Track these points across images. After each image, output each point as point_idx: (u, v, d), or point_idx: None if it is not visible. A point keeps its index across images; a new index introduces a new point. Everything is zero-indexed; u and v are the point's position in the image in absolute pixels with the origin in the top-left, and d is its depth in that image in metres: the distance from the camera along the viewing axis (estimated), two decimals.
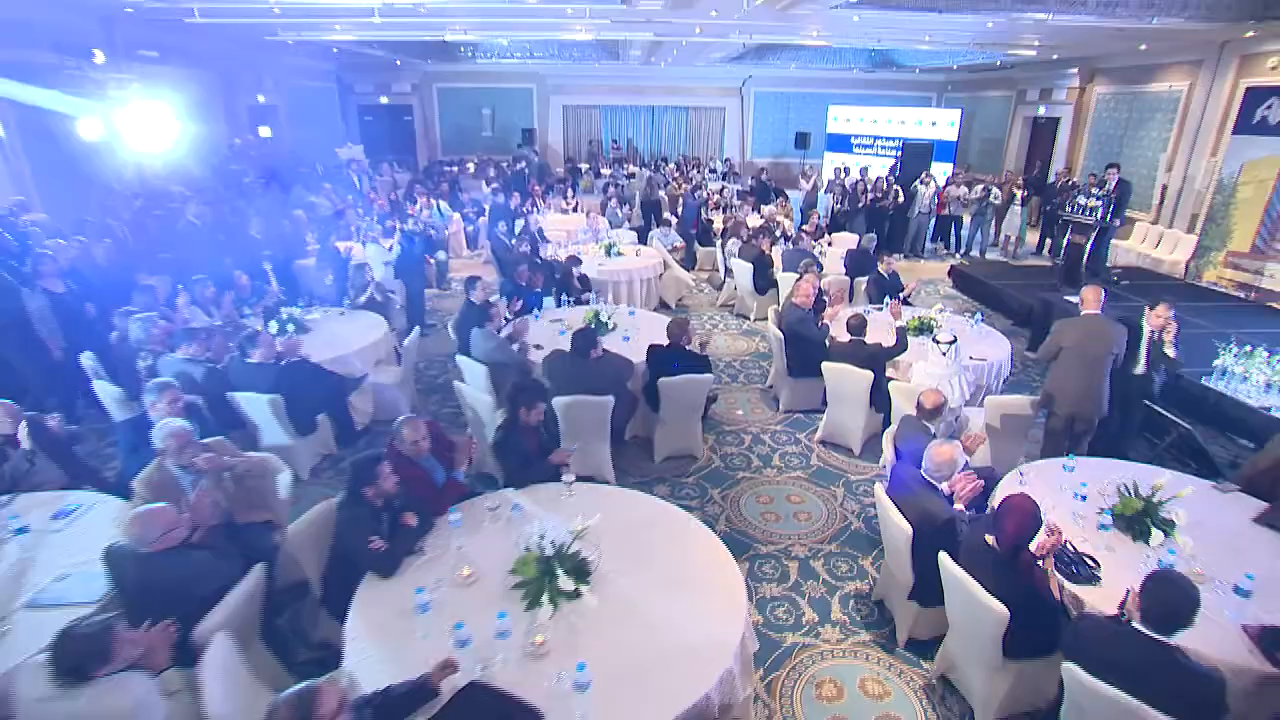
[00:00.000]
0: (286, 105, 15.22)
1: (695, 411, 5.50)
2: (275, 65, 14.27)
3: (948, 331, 5.19)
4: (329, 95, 18.32)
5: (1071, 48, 12.18)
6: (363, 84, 19.49)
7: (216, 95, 12.14)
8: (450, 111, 20.46)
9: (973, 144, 18.37)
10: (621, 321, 6.52)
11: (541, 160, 17.09)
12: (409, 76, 19.49)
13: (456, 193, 12.97)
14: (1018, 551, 3.03)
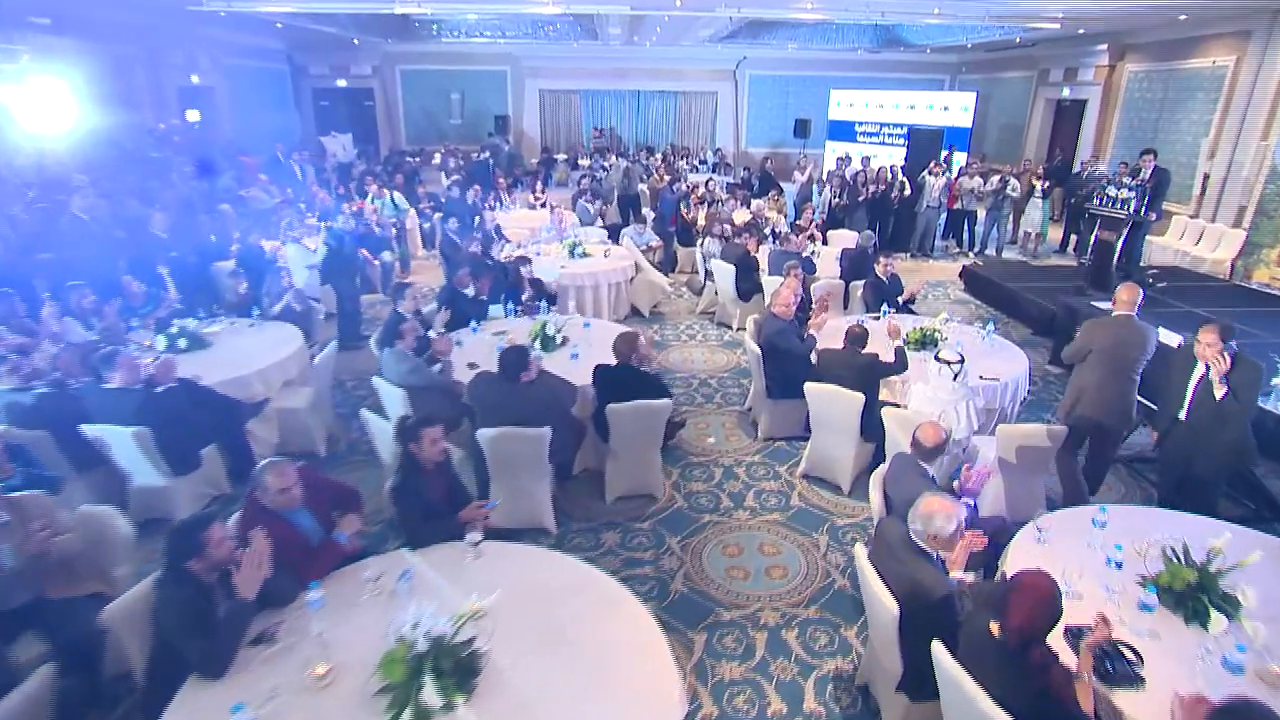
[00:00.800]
0: (226, 87, 14.73)
1: (652, 443, 4.98)
2: (211, 42, 13.78)
3: (953, 349, 4.67)
4: (278, 77, 17.85)
5: (1099, 20, 11.73)
6: (317, 65, 19.00)
7: (135, 74, 11.63)
8: (415, 96, 19.98)
9: (989, 130, 17.92)
10: (574, 334, 6.01)
11: (512, 150, 16.61)
12: (369, 57, 19.01)
13: (414, 186, 12.45)
14: (1029, 646, 2.51)
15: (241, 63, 15.56)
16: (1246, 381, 4.08)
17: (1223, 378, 4.06)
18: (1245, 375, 4.09)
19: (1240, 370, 4.08)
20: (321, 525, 3.39)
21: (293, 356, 5.78)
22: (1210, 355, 4.10)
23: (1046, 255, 12.19)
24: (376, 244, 9.62)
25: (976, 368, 5.39)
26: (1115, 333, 4.77)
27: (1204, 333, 4.14)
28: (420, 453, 3.54)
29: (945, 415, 4.56)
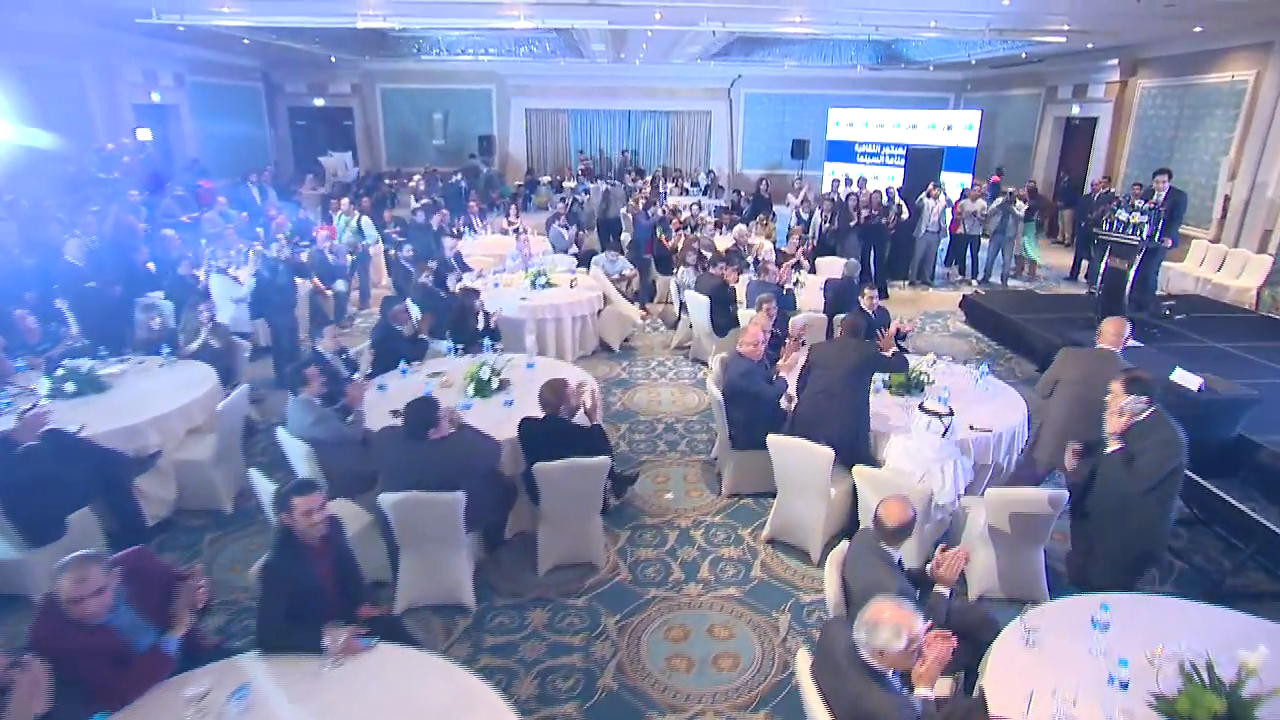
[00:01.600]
0: (192, 106, 14.48)
1: (589, 506, 4.47)
2: (175, 59, 13.56)
3: (941, 397, 4.16)
4: (252, 96, 17.64)
5: (1109, 33, 11.35)
6: (294, 83, 18.84)
7: (85, 91, 11.35)
8: (396, 116, 19.77)
9: (996, 150, 17.56)
10: (516, 377, 5.52)
11: (491, 172, 16.28)
12: (348, 75, 18.84)
13: (380, 210, 12.07)
14: None
15: (211, 80, 15.36)
16: (1153, 449, 3.46)
17: (1118, 436, 3.54)
18: (1154, 441, 3.47)
19: (1150, 435, 3.48)
20: (153, 625, 2.87)
21: (200, 401, 5.31)
22: (1111, 407, 3.61)
23: (1055, 283, 11.70)
24: (331, 272, 9.21)
25: (967, 416, 4.89)
26: (1086, 366, 4.35)
27: (1113, 381, 3.67)
28: (294, 525, 3.05)
29: (928, 476, 4.05)
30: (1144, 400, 3.52)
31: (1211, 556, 4.76)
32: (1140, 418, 3.54)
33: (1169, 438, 3.46)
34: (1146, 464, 3.45)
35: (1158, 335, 7.77)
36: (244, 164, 15.38)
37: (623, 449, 6.14)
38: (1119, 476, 3.52)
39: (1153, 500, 3.47)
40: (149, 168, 11.11)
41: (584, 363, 8.02)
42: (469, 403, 5.00)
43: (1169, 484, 3.50)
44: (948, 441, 4.03)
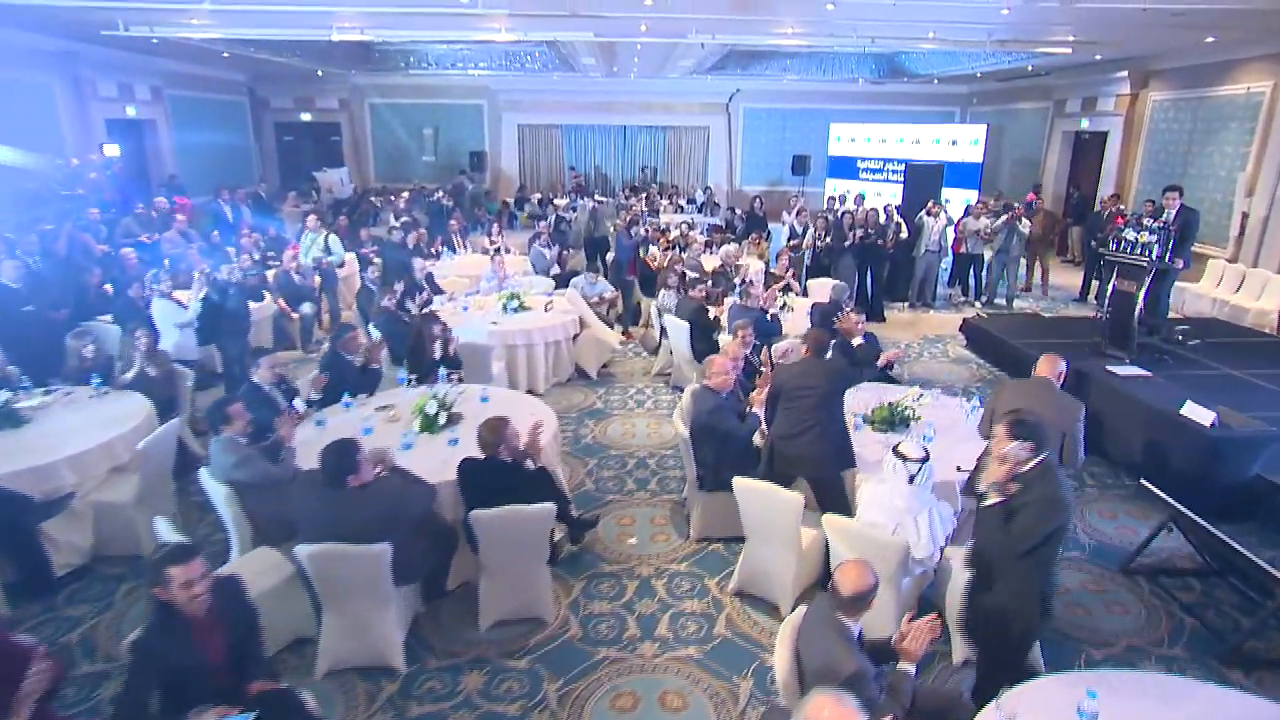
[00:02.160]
0: (172, 120, 14.37)
1: (534, 557, 4.15)
2: (153, 72, 13.47)
3: (918, 442, 3.83)
4: (236, 111, 17.57)
5: (1116, 44, 11.09)
6: (280, 98, 18.80)
7: (52, 105, 11.23)
8: (385, 131, 19.70)
9: (1003, 166, 17.32)
10: (469, 410, 5.23)
11: (477, 189, 16.09)
12: (335, 89, 18.78)
13: (357, 229, 11.87)
14: None
15: (192, 94, 15.29)
16: (1034, 505, 3.04)
17: (998, 487, 3.16)
18: (1035, 496, 3.06)
19: (1033, 489, 3.08)
20: None
21: (127, 436, 5.02)
22: (993, 453, 3.25)
23: (1064, 305, 11.37)
24: (298, 294, 8.99)
25: (954, 455, 4.56)
26: (1024, 398, 4.04)
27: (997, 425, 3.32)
28: (172, 599, 2.75)
29: (901, 528, 3.72)
30: (1028, 447, 3.12)
31: (1227, 613, 4.40)
32: (1024, 468, 3.12)
33: (1051, 494, 3.05)
34: (1024, 523, 3.04)
35: (1169, 362, 7.40)
36: (228, 180, 15.25)
37: (587, 487, 5.84)
38: (994, 534, 3.14)
39: (1029, 566, 3.08)
40: (117, 184, 10.94)
41: (558, 391, 7.77)
42: (410, 441, 4.70)
43: (1048, 549, 3.10)
44: (921, 489, 3.70)
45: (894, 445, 3.82)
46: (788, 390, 4.56)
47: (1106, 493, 5.77)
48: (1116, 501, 5.63)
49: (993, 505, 3.13)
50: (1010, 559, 3.05)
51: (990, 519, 3.14)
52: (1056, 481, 3.08)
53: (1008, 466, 3.11)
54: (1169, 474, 5.45)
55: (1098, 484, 5.90)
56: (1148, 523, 5.18)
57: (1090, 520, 5.38)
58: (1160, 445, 5.59)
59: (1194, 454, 5.30)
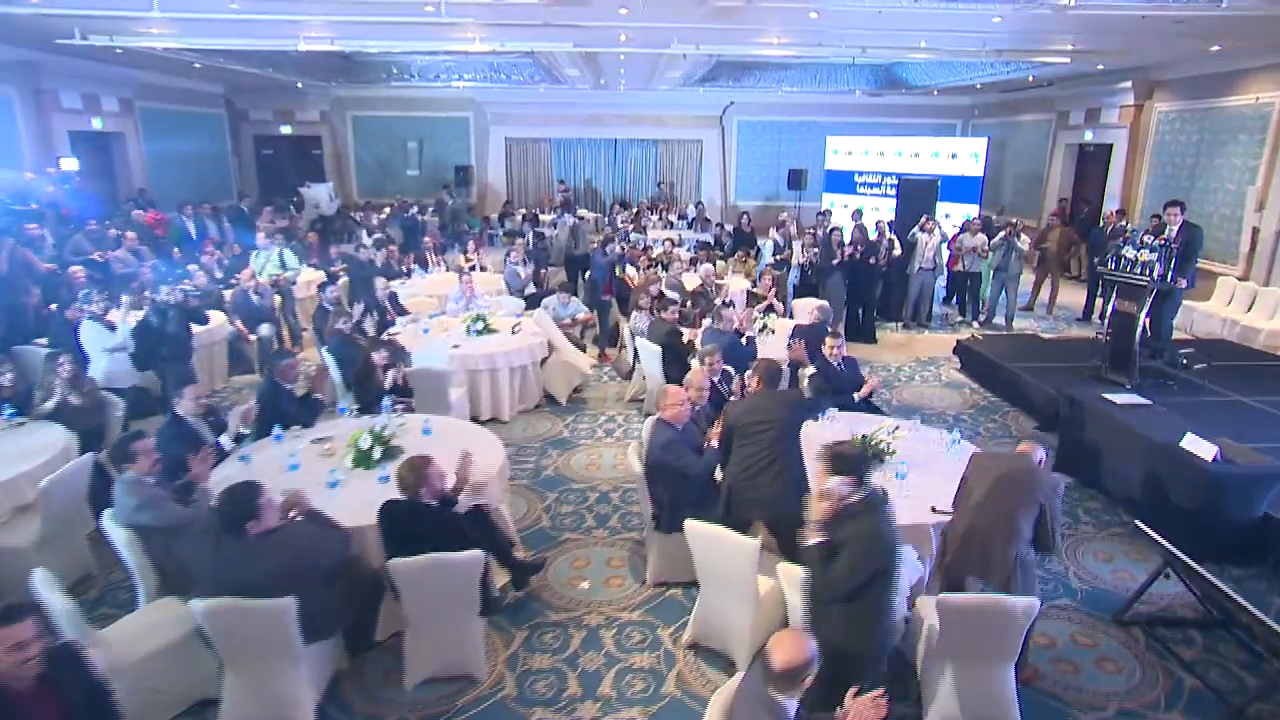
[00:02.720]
0: (143, 133, 14.24)
1: (464, 609, 3.87)
2: (122, 84, 13.35)
3: (897, 474, 3.55)
4: (213, 123, 17.48)
5: (1118, 54, 10.92)
6: (259, 110, 18.73)
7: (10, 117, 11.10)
8: (368, 144, 19.62)
9: (1005, 179, 17.14)
10: (411, 444, 4.97)
11: (456, 205, 15.91)
12: (316, 102, 18.71)
13: (327, 244, 11.70)
14: None
15: (165, 106, 15.18)
16: (852, 543, 2.92)
17: (821, 526, 3.03)
18: (852, 533, 2.93)
19: (851, 526, 2.94)
20: None
21: (35, 472, 4.77)
22: (816, 489, 3.16)
23: (1067, 325, 11.12)
24: (255, 315, 8.76)
25: (930, 494, 4.30)
26: (1002, 469, 3.75)
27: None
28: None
29: None
30: (850, 482, 3.01)
31: (1231, 671, 4.10)
32: (847, 501, 3.01)
33: (869, 530, 2.92)
34: (843, 563, 2.92)
35: (1173, 388, 7.13)
36: (205, 195, 15.15)
37: (543, 524, 5.57)
38: (815, 576, 3.02)
39: (855, 610, 2.94)
40: (76, 199, 10.78)
41: (524, 418, 7.52)
42: (337, 479, 4.44)
43: (874, 593, 2.95)
44: None
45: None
46: (741, 426, 4.31)
47: (1103, 531, 5.47)
48: (1113, 542, 5.33)
49: (813, 545, 3.02)
50: (835, 602, 2.94)
51: (812, 559, 3.02)
52: (878, 518, 2.96)
53: (830, 504, 3.01)
54: (1169, 512, 5.17)
55: (1093, 521, 5.61)
56: (1147, 566, 4.87)
57: (1083, 562, 5.08)
58: (1159, 481, 5.30)
59: (1195, 491, 5.02)
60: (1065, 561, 5.06)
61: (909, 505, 4.25)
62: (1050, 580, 4.84)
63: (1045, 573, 4.91)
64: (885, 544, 2.93)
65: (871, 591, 2.92)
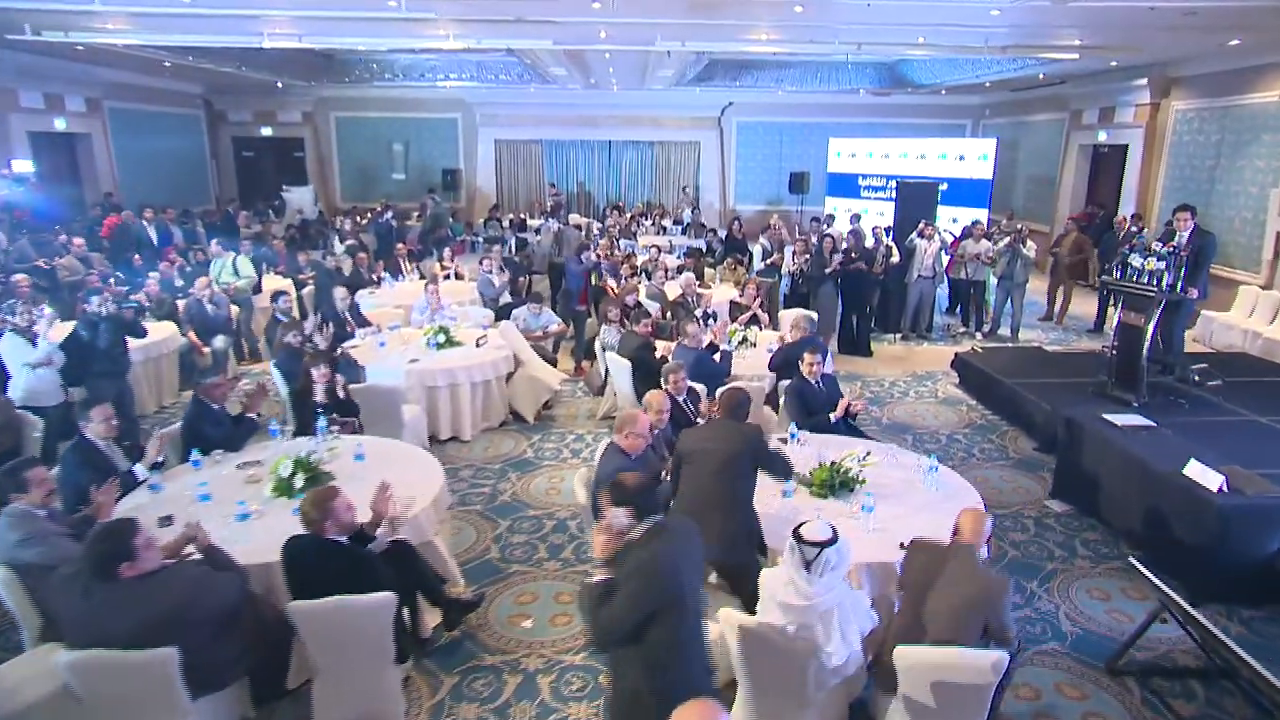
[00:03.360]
0: (113, 134, 14.15)
1: (376, 655, 3.62)
2: (89, 83, 13.25)
3: (823, 524, 3.27)
4: (189, 124, 17.42)
5: (1129, 49, 10.65)
6: (238, 111, 18.67)
7: None
8: (352, 147, 19.52)
9: (1017, 182, 16.87)
10: (342, 470, 4.75)
11: (439, 209, 15.73)
12: (298, 102, 18.63)
13: (295, 251, 11.53)
14: None
15: (137, 106, 15.12)
16: (625, 580, 2.76)
17: (603, 562, 2.91)
18: (628, 569, 2.78)
19: (628, 561, 2.80)
20: None
21: None
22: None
23: (1077, 336, 10.82)
24: (210, 326, 8.59)
25: (902, 528, 4.02)
26: (931, 565, 3.40)
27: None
28: None
29: (804, 628, 3.18)
30: (629, 514, 2.86)
31: None
32: (628, 536, 2.85)
33: (647, 566, 2.74)
34: (620, 601, 2.73)
35: (1185, 407, 6.84)
36: (181, 199, 15.11)
37: (491, 555, 5.32)
38: (594, 617, 2.83)
39: (644, 654, 2.73)
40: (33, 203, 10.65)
41: (486, 438, 7.30)
42: (247, 510, 4.20)
43: (656, 633, 2.72)
44: (828, 580, 3.15)
45: (796, 526, 3.28)
46: (690, 456, 4.07)
47: (1100, 566, 5.17)
48: (1111, 578, 5.03)
49: (596, 583, 2.85)
50: (624, 644, 2.76)
51: (593, 599, 2.83)
52: (658, 552, 2.76)
53: (608, 538, 2.86)
54: (1172, 547, 4.92)
55: (1090, 555, 5.31)
56: (1147, 606, 4.58)
57: (1076, 601, 4.78)
58: (1161, 512, 5.01)
59: (1199, 524, 4.73)
60: (1055, 600, 4.77)
61: (875, 541, 4.00)
62: (1038, 621, 4.56)
63: (1033, 612, 4.64)
64: (664, 580, 2.73)
65: (654, 632, 2.71)
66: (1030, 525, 5.68)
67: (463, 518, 5.86)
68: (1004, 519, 5.72)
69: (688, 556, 2.90)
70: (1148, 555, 5.14)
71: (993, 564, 5.10)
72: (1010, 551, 5.31)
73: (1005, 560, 5.20)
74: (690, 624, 2.85)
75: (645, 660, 2.71)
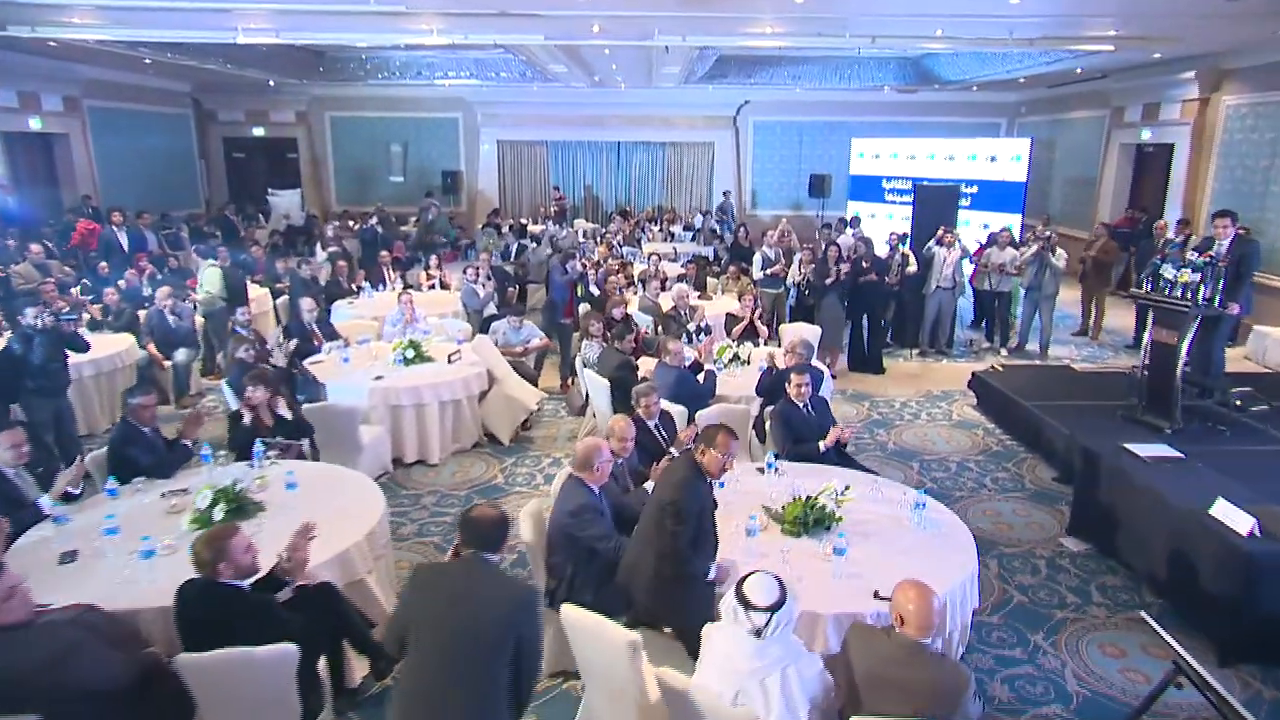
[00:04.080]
0: (94, 134, 14.24)
1: (276, 713, 3.42)
2: (64, 80, 13.35)
3: (768, 580, 3.01)
4: (177, 124, 17.56)
5: (1171, 39, 10.28)
6: (229, 110, 18.83)
7: None
8: (348, 148, 19.62)
9: (1054, 185, 16.47)
10: (274, 500, 4.59)
11: (434, 217, 15.67)
12: (291, 101, 18.75)
13: (273, 258, 11.49)
14: None
15: (120, 105, 15.25)
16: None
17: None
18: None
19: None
20: None
21: None
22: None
23: (1113, 353, 10.45)
24: (171, 338, 8.51)
25: (879, 576, 3.76)
26: (877, 663, 2.99)
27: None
28: None
29: (744, 694, 2.94)
30: (457, 537, 3.16)
31: None
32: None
33: (520, 595, 3.10)
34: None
35: (1225, 435, 6.50)
36: (167, 202, 15.20)
37: None
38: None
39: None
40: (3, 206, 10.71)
41: (456, 461, 7.14)
42: (153, 548, 4.02)
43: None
44: (772, 643, 2.90)
45: (740, 581, 3.03)
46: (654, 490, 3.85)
47: (1116, 616, 4.85)
48: (1128, 631, 4.69)
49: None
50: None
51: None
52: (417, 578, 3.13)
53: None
54: (1198, 597, 4.59)
55: (1107, 603, 4.98)
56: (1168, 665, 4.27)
57: (1086, 657, 4.47)
58: (1186, 557, 4.69)
59: (1227, 572, 4.40)
60: (1063, 655, 4.46)
61: (846, 589, 3.75)
62: (1040, 680, 4.27)
63: (1035, 670, 4.35)
64: (400, 609, 3.02)
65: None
66: (1041, 566, 5.37)
67: (418, 550, 5.68)
68: (1012, 558, 5.44)
69: (433, 599, 3.02)
70: (1171, 605, 4.86)
71: (995, 610, 4.84)
72: (1016, 596, 5.01)
73: (1009, 606, 4.90)
74: (428, 672, 2.95)
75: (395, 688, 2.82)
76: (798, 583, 3.74)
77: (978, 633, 4.58)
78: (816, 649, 3.55)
